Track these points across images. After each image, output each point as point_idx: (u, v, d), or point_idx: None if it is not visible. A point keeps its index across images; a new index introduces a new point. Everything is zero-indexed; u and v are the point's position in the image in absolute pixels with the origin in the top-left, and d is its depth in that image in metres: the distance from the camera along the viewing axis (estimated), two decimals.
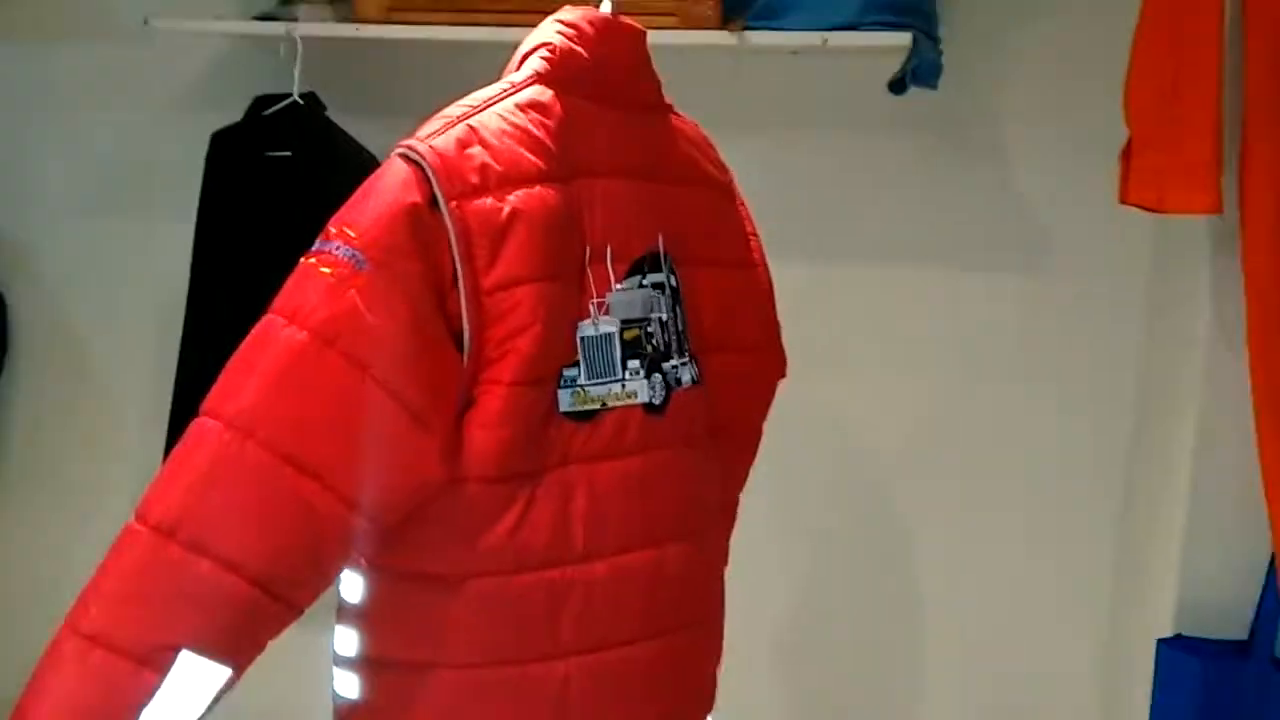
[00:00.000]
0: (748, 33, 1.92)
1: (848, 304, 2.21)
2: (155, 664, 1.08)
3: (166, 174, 2.43)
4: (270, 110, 2.16)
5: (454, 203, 1.16)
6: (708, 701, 1.53)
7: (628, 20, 1.38)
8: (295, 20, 2.09)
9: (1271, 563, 1.62)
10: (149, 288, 2.50)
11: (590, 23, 1.35)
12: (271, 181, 2.18)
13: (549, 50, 1.32)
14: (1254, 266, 1.54)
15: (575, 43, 1.32)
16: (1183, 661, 1.72)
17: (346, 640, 1.33)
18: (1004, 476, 2.20)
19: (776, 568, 2.31)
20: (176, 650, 1.08)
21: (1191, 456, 1.76)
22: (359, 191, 1.20)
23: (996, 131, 2.11)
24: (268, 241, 2.19)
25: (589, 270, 1.27)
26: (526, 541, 1.27)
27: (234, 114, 2.21)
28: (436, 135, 1.21)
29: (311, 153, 2.15)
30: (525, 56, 1.33)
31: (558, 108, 1.28)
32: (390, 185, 1.18)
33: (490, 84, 1.38)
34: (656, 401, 1.33)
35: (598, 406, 1.28)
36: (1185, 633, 1.77)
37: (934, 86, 1.93)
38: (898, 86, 1.94)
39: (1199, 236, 1.74)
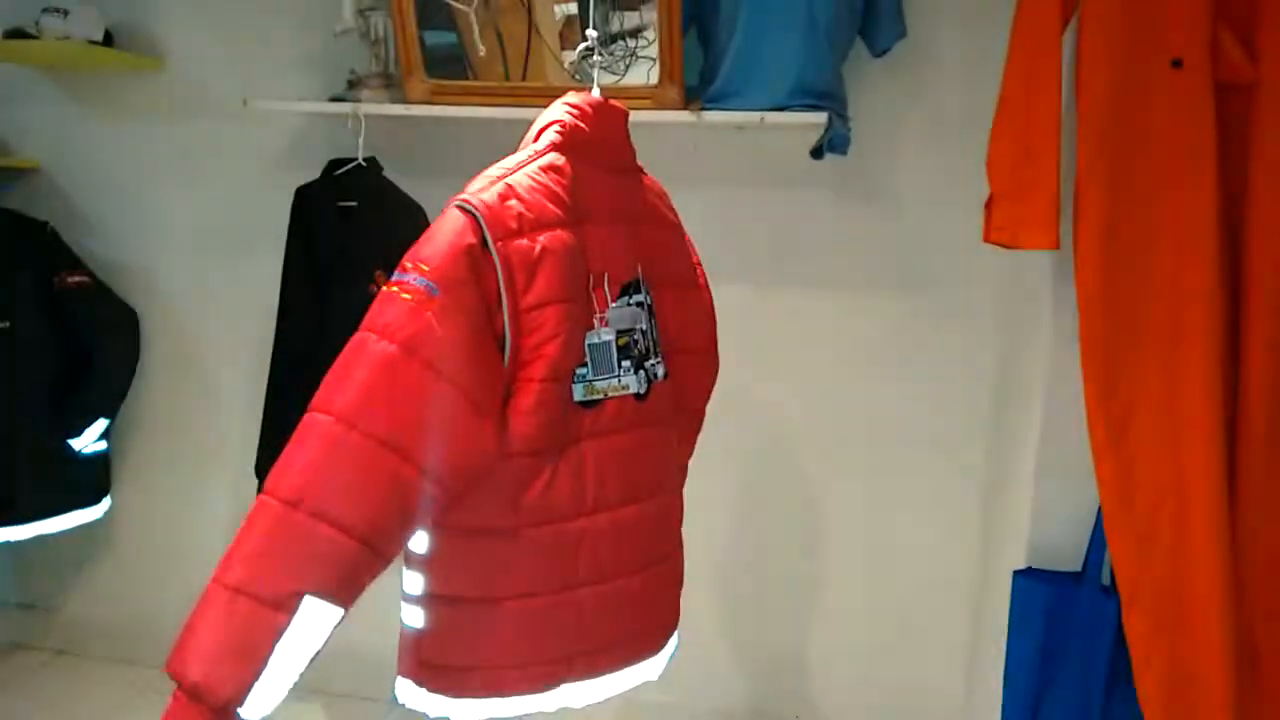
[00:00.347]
0: (704, 113, 1.93)
1: (779, 317, 2.22)
2: (287, 607, 1.11)
3: (261, 219, 2.42)
4: (340, 170, 2.16)
5: (499, 243, 1.20)
6: (676, 616, 1.55)
7: (616, 103, 1.39)
8: (360, 101, 2.10)
9: (1099, 511, 1.63)
10: (247, 307, 2.49)
11: (590, 105, 1.36)
12: (341, 225, 2.18)
13: (561, 126, 1.33)
14: (1083, 287, 1.55)
15: (579, 120, 1.34)
16: (1032, 589, 1.72)
17: (414, 582, 1.36)
18: (896, 445, 2.22)
19: (722, 514, 2.32)
20: (302, 596, 1.12)
21: (1039, 430, 1.76)
22: (426, 234, 1.21)
23: (891, 187, 2.12)
24: (338, 271, 2.20)
25: (593, 293, 1.30)
26: (553, 500, 1.29)
27: (312, 173, 2.21)
28: (484, 191, 1.23)
29: (372, 203, 2.15)
30: (541, 130, 1.34)
31: (568, 169, 1.31)
32: (452, 230, 1.20)
33: (510, 152, 1.39)
34: (642, 391, 1.36)
35: (601, 396, 1.31)
36: (1035, 565, 1.78)
37: (844, 153, 1.95)
38: (817, 153, 1.96)
39: (1043, 266, 1.75)
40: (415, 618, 1.39)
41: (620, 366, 1.33)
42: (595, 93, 1.46)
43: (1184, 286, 1.50)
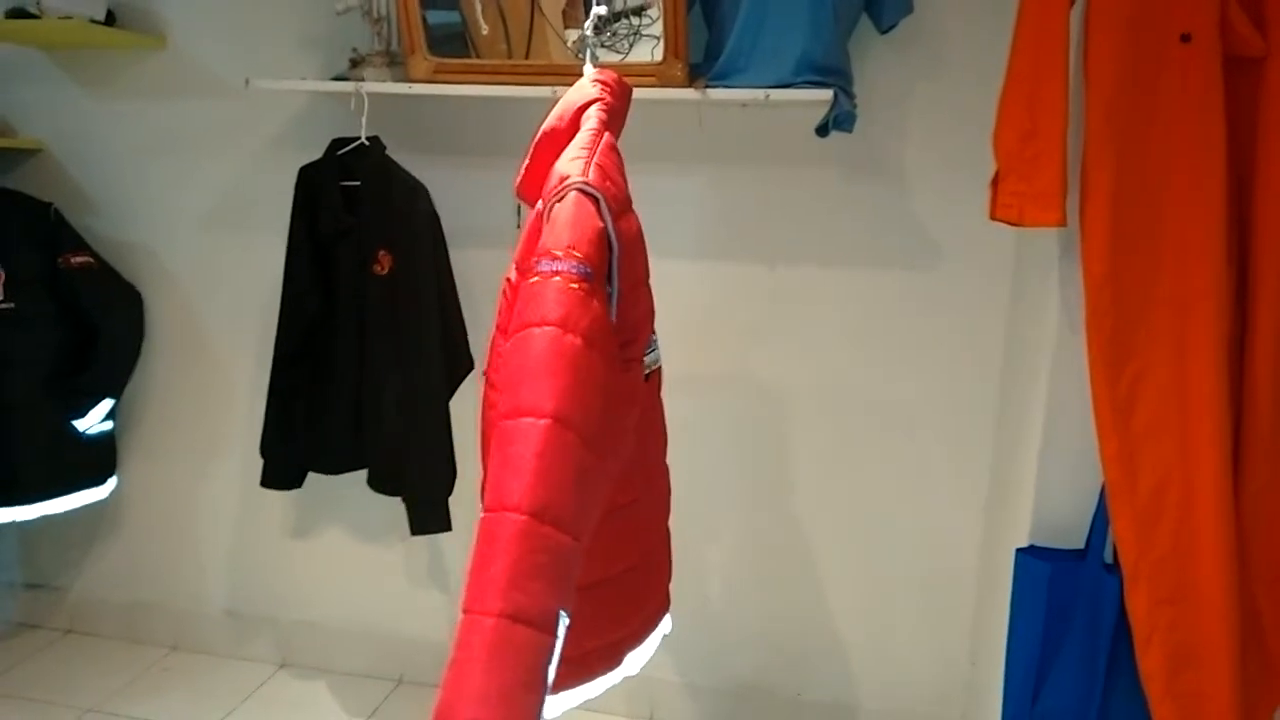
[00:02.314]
0: (708, 90, 1.92)
1: (783, 296, 2.21)
2: (552, 628, 1.03)
3: (264, 198, 2.43)
4: (344, 149, 2.16)
5: (615, 224, 1.20)
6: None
7: (626, 79, 1.40)
8: (362, 80, 2.09)
9: (1103, 490, 1.63)
10: (251, 286, 2.50)
11: (615, 81, 1.36)
12: (344, 204, 2.18)
13: (604, 105, 1.33)
14: (1089, 265, 1.55)
15: (611, 97, 1.34)
16: (1035, 566, 1.72)
17: None
18: (901, 423, 2.22)
19: (726, 492, 2.33)
20: (559, 612, 1.05)
21: (1044, 408, 1.76)
22: (565, 220, 1.17)
23: (897, 164, 2.11)
24: (341, 249, 2.20)
25: None
26: (645, 470, 1.35)
27: (315, 152, 2.21)
28: (588, 174, 1.20)
29: (375, 182, 2.15)
30: (582, 109, 1.33)
31: (618, 149, 1.31)
32: (588, 213, 1.17)
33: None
34: (658, 367, 1.40)
35: (650, 370, 1.34)
36: (1038, 543, 1.78)
37: (850, 130, 1.93)
38: (822, 131, 1.95)
39: (1049, 244, 1.75)
40: None
41: (654, 346, 1.36)
42: (588, 69, 1.46)
43: (1191, 263, 1.50)
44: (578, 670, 1.36)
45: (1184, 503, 1.51)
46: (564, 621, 1.05)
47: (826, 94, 1.85)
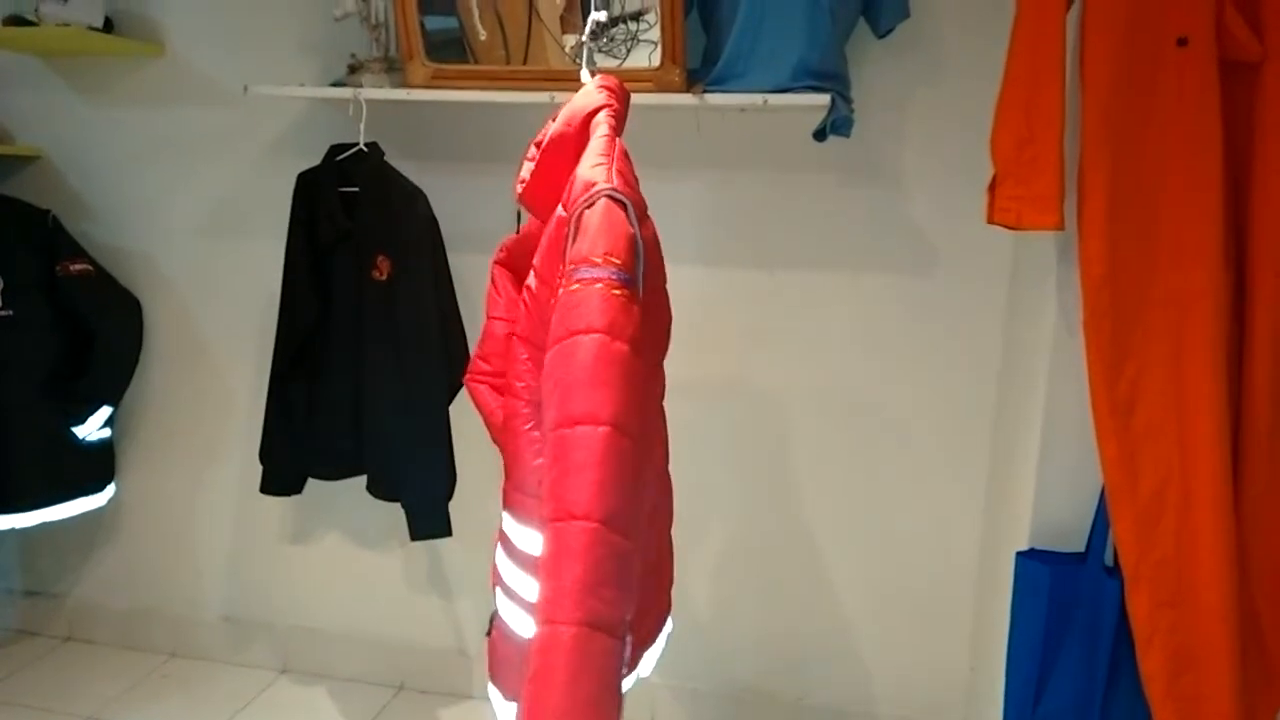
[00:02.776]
0: (706, 95, 1.92)
1: (781, 301, 2.22)
2: (624, 634, 1.04)
3: (263, 205, 2.42)
4: (342, 155, 2.15)
5: (641, 228, 1.21)
6: None
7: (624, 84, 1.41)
8: (360, 86, 2.09)
9: (1103, 493, 1.63)
10: (250, 293, 2.50)
11: (619, 85, 1.37)
12: (343, 210, 2.17)
13: (612, 111, 1.34)
14: (1087, 268, 1.55)
15: (617, 102, 1.35)
16: (1035, 569, 1.72)
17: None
18: (900, 427, 2.22)
19: (726, 497, 2.33)
20: (628, 619, 1.05)
21: (1043, 411, 1.76)
22: (599, 226, 1.18)
23: (894, 168, 2.11)
24: (340, 255, 2.20)
25: None
26: (656, 476, 1.38)
27: (314, 158, 2.20)
28: (613, 180, 1.21)
29: (373, 187, 2.15)
30: (591, 115, 1.33)
31: (629, 155, 1.32)
32: (619, 220, 1.18)
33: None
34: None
35: None
36: (1038, 546, 1.78)
37: (847, 135, 1.94)
38: (820, 135, 1.95)
39: (1047, 247, 1.75)
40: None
41: None
42: (585, 75, 1.47)
43: (1188, 265, 1.50)
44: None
45: (1184, 505, 1.51)
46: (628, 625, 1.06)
47: (824, 99, 1.85)
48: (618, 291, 1.14)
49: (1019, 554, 1.76)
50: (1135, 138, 1.52)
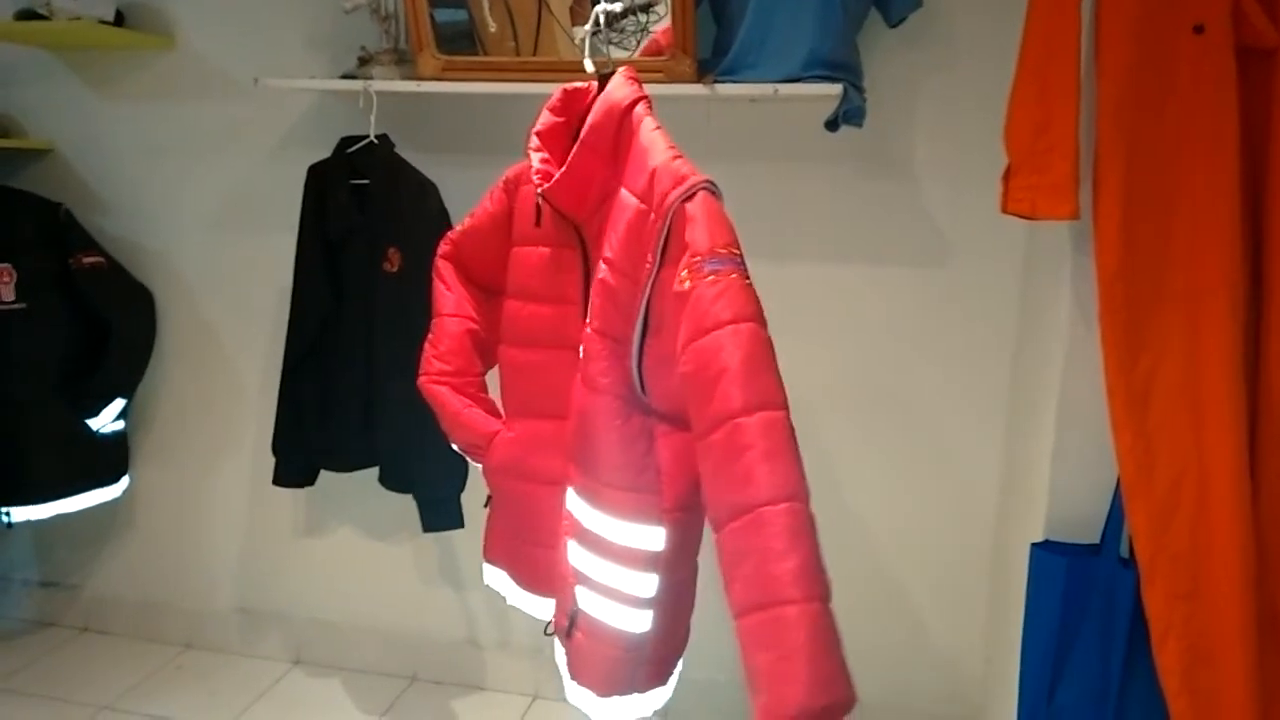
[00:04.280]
0: (717, 85, 1.91)
1: (793, 292, 2.21)
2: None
3: (273, 197, 2.43)
4: (352, 148, 2.16)
5: None
6: None
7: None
8: (371, 78, 2.08)
9: (1118, 484, 1.62)
10: (262, 285, 2.50)
11: (637, 77, 1.40)
12: (354, 202, 2.18)
13: (647, 104, 1.37)
14: (1102, 259, 1.53)
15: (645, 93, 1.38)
16: (1050, 561, 1.71)
17: (648, 583, 1.35)
18: (915, 419, 2.21)
19: None
20: None
21: (1058, 402, 1.75)
22: (710, 218, 1.22)
23: (907, 158, 2.10)
24: (351, 248, 2.20)
25: None
26: None
27: (324, 151, 2.21)
28: (696, 170, 1.26)
29: (384, 180, 2.15)
30: (629, 107, 1.35)
31: None
32: (721, 211, 1.24)
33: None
34: None
35: None
36: (1053, 538, 1.77)
37: (860, 125, 1.92)
38: (832, 125, 1.93)
39: (1062, 237, 1.73)
40: (642, 621, 1.37)
41: None
42: (588, 65, 1.47)
43: (1204, 256, 1.49)
44: (665, 667, 1.43)
45: (1200, 497, 1.50)
46: None
47: (836, 88, 1.84)
48: (747, 280, 1.20)
49: (1034, 545, 1.75)
50: (1151, 126, 1.50)
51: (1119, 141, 1.51)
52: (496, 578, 1.68)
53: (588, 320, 1.34)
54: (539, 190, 1.40)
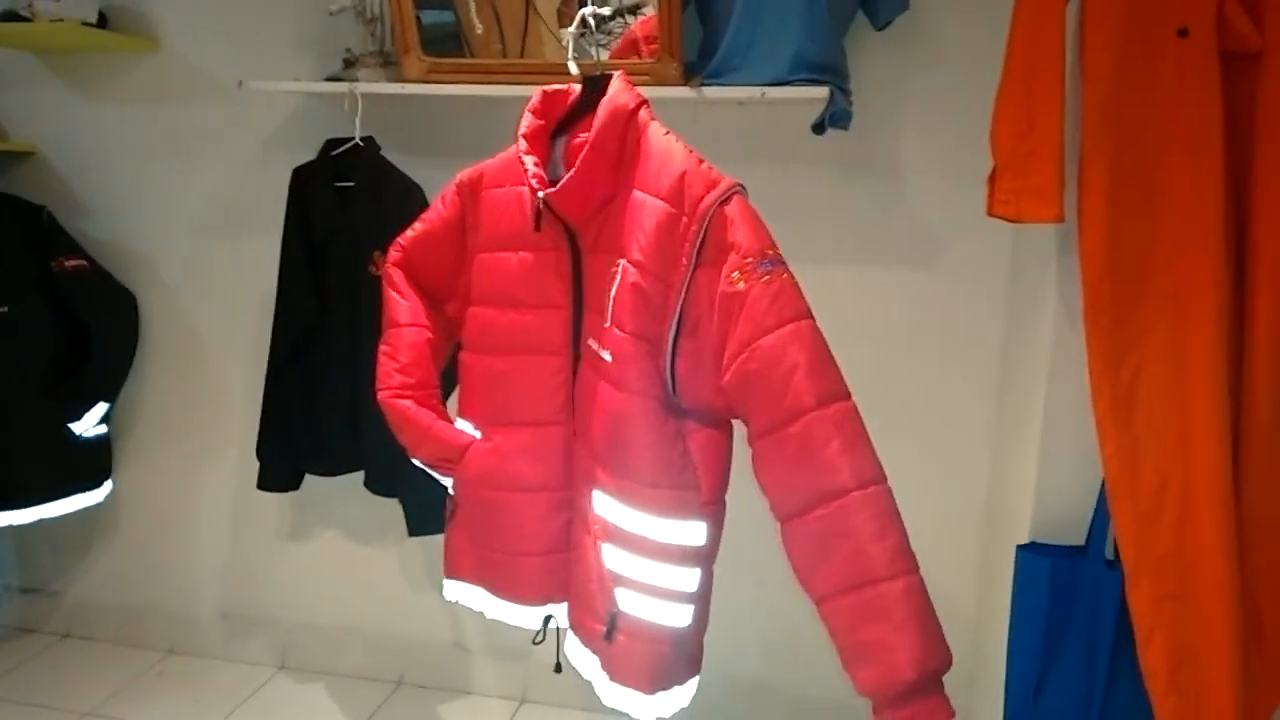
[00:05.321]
0: (704, 88, 1.91)
1: None
2: None
3: (258, 200, 2.42)
4: (338, 150, 2.15)
5: None
6: None
7: None
8: (356, 80, 2.08)
9: (1103, 486, 1.63)
10: (246, 289, 2.49)
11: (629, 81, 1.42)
12: (339, 205, 2.17)
13: (648, 108, 1.40)
14: (1087, 261, 1.54)
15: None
16: (1035, 562, 1.71)
17: (688, 578, 1.37)
18: (901, 421, 2.21)
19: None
20: None
21: (1044, 404, 1.76)
22: (749, 221, 1.29)
23: (893, 161, 2.11)
24: (336, 251, 2.19)
25: None
26: None
27: (309, 153, 2.20)
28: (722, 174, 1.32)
29: (369, 183, 2.14)
30: (634, 112, 1.37)
31: None
32: (755, 212, 1.32)
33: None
34: None
35: None
36: (1039, 540, 1.77)
37: (846, 128, 1.92)
38: (819, 128, 1.94)
39: (1047, 240, 1.74)
40: (686, 615, 1.39)
41: None
42: (573, 68, 1.47)
43: (1189, 258, 1.49)
44: (698, 654, 1.48)
45: (1184, 498, 1.51)
46: None
47: (823, 91, 1.84)
48: (792, 280, 1.26)
49: (1019, 547, 1.76)
50: (1136, 129, 1.51)
51: (1104, 143, 1.51)
52: (466, 593, 1.66)
53: (612, 324, 1.33)
54: (540, 195, 1.38)
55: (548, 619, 1.61)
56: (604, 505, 1.39)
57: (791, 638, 2.34)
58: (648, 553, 1.35)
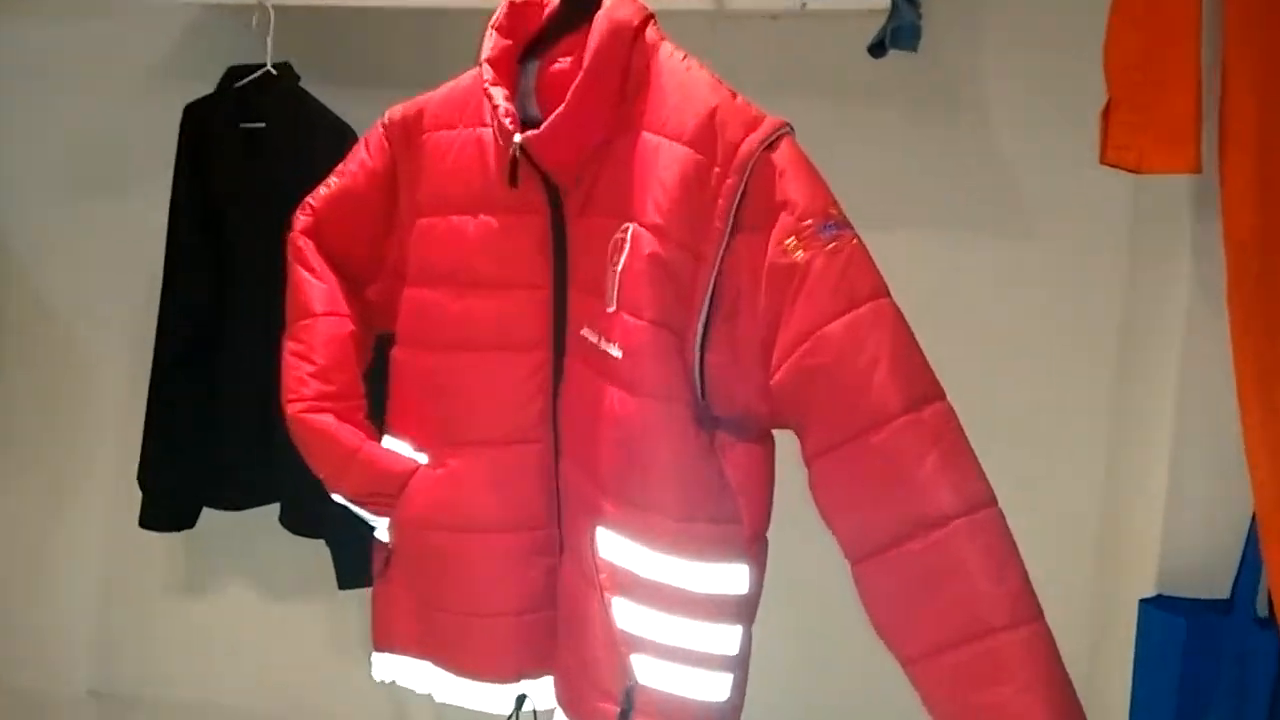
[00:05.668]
0: None
1: None
2: None
3: (139, 147, 2.42)
4: (243, 81, 2.15)
5: None
6: None
7: None
8: None
9: (1253, 522, 1.62)
10: (124, 263, 2.49)
11: None
12: (245, 153, 2.17)
13: (655, 24, 1.40)
14: (1234, 225, 1.53)
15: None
16: (1167, 620, 1.71)
17: (729, 638, 1.37)
18: (988, 435, 2.19)
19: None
20: None
21: (1173, 416, 1.76)
22: (803, 172, 1.29)
23: (977, 93, 2.11)
24: (242, 213, 2.19)
25: None
26: None
27: (206, 86, 2.20)
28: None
29: (285, 123, 2.14)
30: (641, 26, 1.37)
31: None
32: (809, 160, 1.31)
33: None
34: None
35: None
36: (1167, 592, 1.77)
37: (914, 49, 1.92)
38: (877, 50, 1.94)
39: (1179, 195, 1.74)
40: (724, 686, 1.38)
41: None
42: None
43: None
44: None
45: None
46: None
47: (883, 1, 1.84)
48: (859, 242, 1.28)
49: (1144, 601, 1.76)
50: None
51: (1252, 68, 1.51)
52: (407, 671, 1.64)
53: (621, 309, 1.31)
54: (517, 139, 1.37)
55: (521, 699, 1.60)
56: (612, 547, 1.38)
57: (830, 698, 2.34)
58: (675, 607, 1.34)
